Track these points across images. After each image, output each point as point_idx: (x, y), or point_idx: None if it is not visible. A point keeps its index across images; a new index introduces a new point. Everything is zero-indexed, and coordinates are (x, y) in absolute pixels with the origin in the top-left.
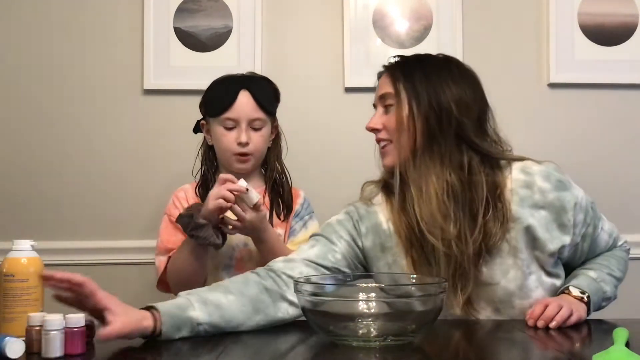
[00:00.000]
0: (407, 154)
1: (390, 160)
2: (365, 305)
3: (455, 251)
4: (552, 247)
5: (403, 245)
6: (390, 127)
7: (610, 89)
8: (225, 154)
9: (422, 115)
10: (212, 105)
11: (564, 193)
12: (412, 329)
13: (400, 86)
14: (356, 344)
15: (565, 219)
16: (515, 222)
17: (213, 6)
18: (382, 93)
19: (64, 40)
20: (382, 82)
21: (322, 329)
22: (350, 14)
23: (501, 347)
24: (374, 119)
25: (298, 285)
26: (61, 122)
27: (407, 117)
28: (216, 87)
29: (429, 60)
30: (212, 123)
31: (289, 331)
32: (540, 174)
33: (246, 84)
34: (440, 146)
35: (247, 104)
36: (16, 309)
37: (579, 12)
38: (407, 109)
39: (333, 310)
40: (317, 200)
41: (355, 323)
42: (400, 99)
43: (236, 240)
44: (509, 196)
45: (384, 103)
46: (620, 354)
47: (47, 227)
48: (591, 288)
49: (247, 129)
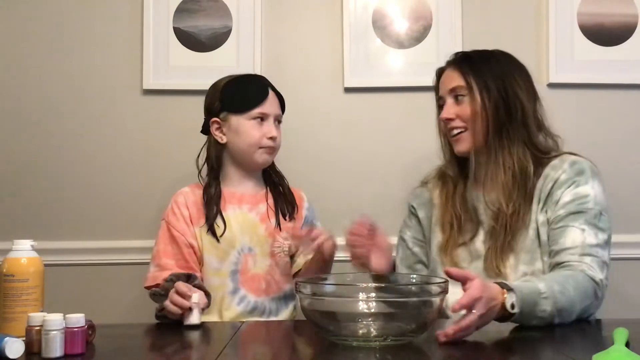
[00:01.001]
0: (480, 140)
1: (465, 146)
2: (365, 305)
3: (500, 226)
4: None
5: (448, 221)
6: (464, 116)
7: (610, 89)
8: (251, 148)
9: (493, 105)
10: (240, 101)
11: (580, 178)
12: (412, 329)
13: (471, 79)
14: (356, 344)
15: (556, 193)
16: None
17: (213, 6)
18: (453, 86)
19: (63, 40)
20: (450, 77)
21: (322, 329)
22: (350, 14)
23: (500, 348)
24: (447, 110)
25: (298, 286)
26: (61, 122)
27: (480, 107)
28: (242, 84)
29: (492, 55)
30: (236, 120)
31: (288, 331)
32: (570, 160)
33: (269, 83)
34: (508, 133)
35: (275, 101)
36: (16, 309)
37: (579, 12)
38: (479, 99)
39: (333, 310)
40: (316, 200)
41: (356, 323)
42: (472, 91)
43: (240, 245)
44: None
45: (454, 94)
46: (620, 354)
47: (47, 227)
48: (527, 302)
49: (276, 124)
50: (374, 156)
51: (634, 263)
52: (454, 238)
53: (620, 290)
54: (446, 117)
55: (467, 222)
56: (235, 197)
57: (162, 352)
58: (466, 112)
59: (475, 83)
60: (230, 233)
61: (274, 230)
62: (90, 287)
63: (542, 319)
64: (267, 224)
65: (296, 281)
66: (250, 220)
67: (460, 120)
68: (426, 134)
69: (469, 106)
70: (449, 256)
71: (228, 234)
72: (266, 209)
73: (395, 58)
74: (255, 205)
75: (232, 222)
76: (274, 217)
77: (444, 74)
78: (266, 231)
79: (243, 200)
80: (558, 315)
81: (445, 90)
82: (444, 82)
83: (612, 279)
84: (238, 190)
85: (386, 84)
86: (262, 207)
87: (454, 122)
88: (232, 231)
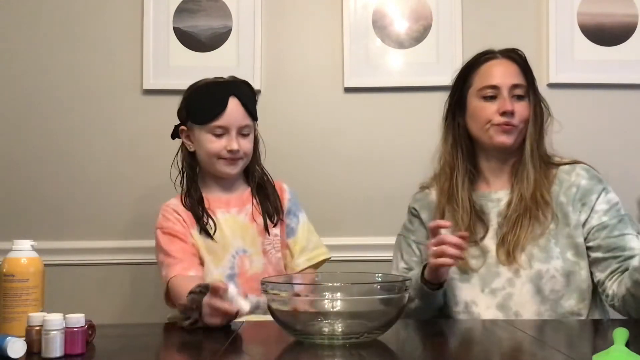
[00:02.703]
0: (532, 141)
1: (511, 140)
2: (330, 304)
3: (511, 220)
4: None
5: (455, 221)
6: (523, 116)
7: (610, 89)
8: (211, 159)
9: (539, 111)
10: (198, 112)
11: (602, 185)
12: (377, 327)
13: (530, 82)
14: (320, 342)
15: (588, 199)
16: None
17: (213, 6)
18: (516, 82)
19: (63, 40)
20: (512, 71)
21: (288, 328)
22: (350, 14)
23: (500, 348)
24: (511, 103)
25: (264, 286)
26: (61, 122)
27: (532, 111)
28: (201, 94)
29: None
30: (197, 130)
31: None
32: (580, 165)
33: (233, 90)
34: (539, 136)
35: (236, 111)
36: (16, 309)
37: (579, 12)
38: (533, 103)
39: (298, 309)
40: (316, 200)
41: (320, 322)
42: (529, 94)
43: (235, 249)
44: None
45: (514, 90)
46: (620, 354)
47: (47, 227)
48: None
49: (237, 135)
50: (373, 156)
51: None
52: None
53: None
54: (512, 109)
55: (476, 221)
56: (221, 202)
57: (162, 352)
58: (525, 113)
59: (532, 86)
60: (221, 236)
61: (263, 228)
62: (90, 287)
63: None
64: (257, 223)
65: (262, 281)
66: (240, 222)
67: (519, 118)
68: (426, 134)
69: (526, 108)
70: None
71: (219, 235)
72: (252, 209)
73: (395, 58)
74: (243, 207)
75: (222, 225)
76: (259, 217)
77: (499, 62)
78: (257, 229)
79: (230, 204)
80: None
81: (505, 83)
82: (505, 74)
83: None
84: (223, 195)
85: (386, 84)
86: (249, 207)
87: (513, 118)
88: (224, 234)
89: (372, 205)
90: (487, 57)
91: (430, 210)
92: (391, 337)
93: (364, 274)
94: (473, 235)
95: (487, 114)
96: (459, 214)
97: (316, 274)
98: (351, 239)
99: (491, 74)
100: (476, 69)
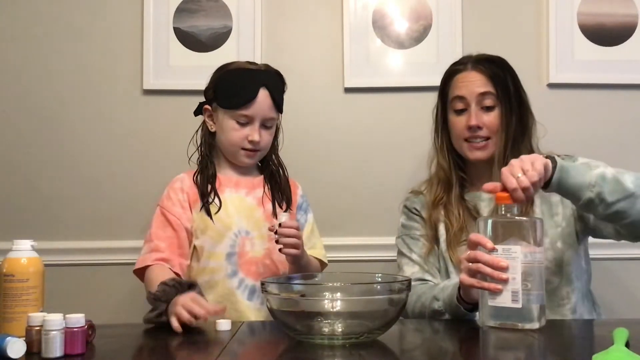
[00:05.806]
0: (500, 148)
1: (487, 154)
2: (330, 304)
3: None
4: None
5: (449, 221)
6: (493, 127)
7: (610, 89)
8: (232, 147)
9: (516, 118)
10: (226, 97)
11: None
12: (377, 327)
13: (499, 88)
14: (320, 342)
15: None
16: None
17: (213, 6)
18: (482, 91)
19: (63, 40)
20: (477, 80)
21: (288, 328)
22: (350, 14)
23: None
24: (476, 117)
25: (264, 285)
26: (61, 122)
27: (506, 119)
28: (232, 79)
29: (503, 62)
30: (222, 114)
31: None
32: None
33: (265, 80)
34: (523, 141)
35: (264, 102)
36: (16, 309)
37: (579, 12)
38: (505, 111)
39: (298, 309)
40: (316, 200)
41: (321, 322)
42: (501, 101)
43: (237, 228)
44: None
45: (482, 101)
46: (620, 354)
47: (47, 227)
48: (565, 165)
49: (260, 127)
50: (373, 156)
51: (634, 263)
52: (457, 236)
53: (621, 290)
54: (477, 124)
55: (469, 220)
56: (232, 182)
57: (162, 352)
58: (495, 123)
59: (503, 93)
60: (225, 214)
61: (271, 214)
62: (90, 287)
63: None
64: (265, 208)
65: (262, 281)
66: (248, 203)
67: (488, 130)
68: (426, 134)
69: (497, 118)
70: (455, 253)
71: (223, 214)
72: (262, 194)
73: (395, 58)
74: (252, 190)
75: (228, 204)
76: (269, 203)
77: (467, 74)
78: (264, 214)
79: (240, 185)
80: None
81: (472, 94)
82: (470, 85)
83: (612, 279)
84: (234, 176)
85: (386, 84)
86: (259, 191)
87: (481, 130)
88: (228, 213)
89: (372, 205)
90: (457, 69)
91: (427, 208)
92: (391, 337)
93: (364, 274)
94: (467, 234)
95: (458, 129)
96: (453, 214)
97: (315, 275)
98: (351, 239)
99: (457, 86)
100: (450, 80)
